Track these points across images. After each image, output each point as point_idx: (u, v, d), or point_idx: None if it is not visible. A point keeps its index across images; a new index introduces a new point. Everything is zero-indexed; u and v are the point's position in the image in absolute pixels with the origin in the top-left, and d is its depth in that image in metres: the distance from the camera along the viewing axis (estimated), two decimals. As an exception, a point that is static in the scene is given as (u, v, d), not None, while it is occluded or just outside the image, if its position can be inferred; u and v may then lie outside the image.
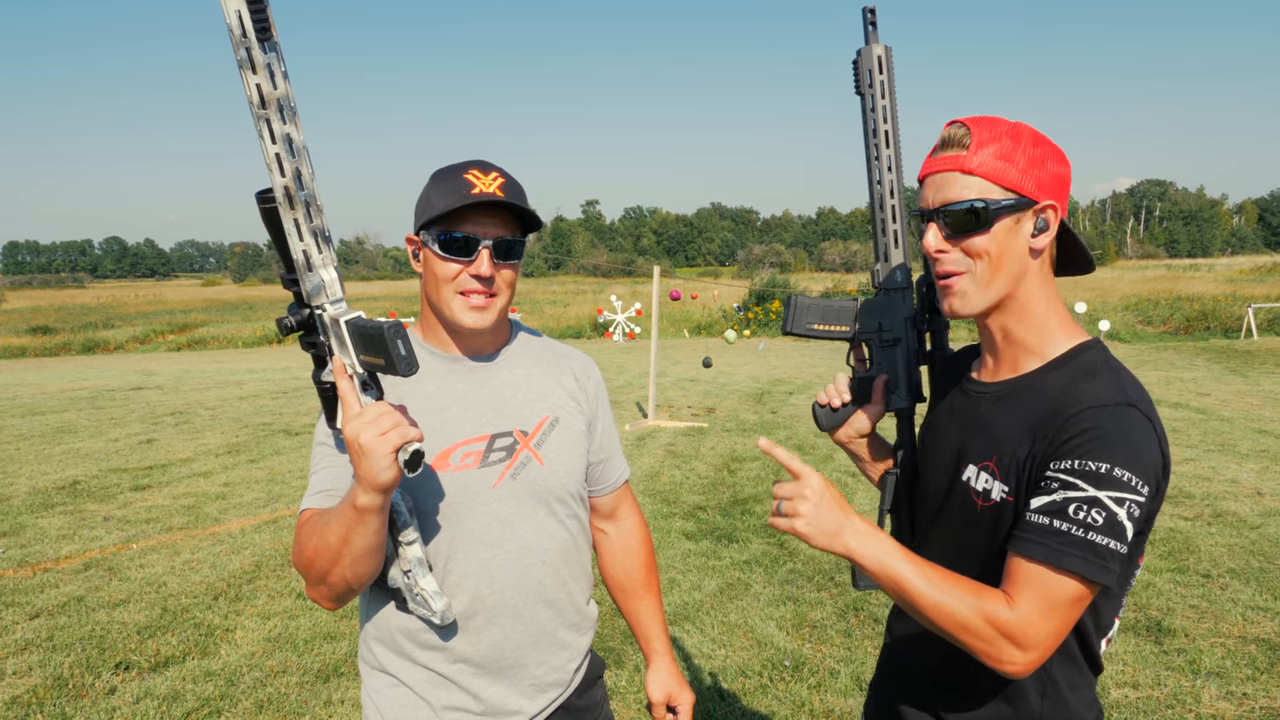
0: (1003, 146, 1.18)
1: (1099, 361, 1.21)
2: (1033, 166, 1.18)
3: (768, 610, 4.40)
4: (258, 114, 1.08)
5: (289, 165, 1.11)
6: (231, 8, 1.03)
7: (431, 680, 1.46)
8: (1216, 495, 6.35)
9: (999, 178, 1.17)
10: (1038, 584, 1.11)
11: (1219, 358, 17.11)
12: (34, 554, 5.48)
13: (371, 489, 1.18)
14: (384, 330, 1.13)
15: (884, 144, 1.42)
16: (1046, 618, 1.10)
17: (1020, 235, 1.20)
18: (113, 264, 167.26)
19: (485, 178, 1.42)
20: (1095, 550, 1.08)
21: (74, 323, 39.20)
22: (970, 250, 1.21)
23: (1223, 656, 3.75)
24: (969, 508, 1.27)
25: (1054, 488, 1.12)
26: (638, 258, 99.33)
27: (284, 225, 1.15)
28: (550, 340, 1.70)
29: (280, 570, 5.10)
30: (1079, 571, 1.09)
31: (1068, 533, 1.09)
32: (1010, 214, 1.18)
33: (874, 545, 1.18)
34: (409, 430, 1.18)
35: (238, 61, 1.06)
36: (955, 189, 1.19)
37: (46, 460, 8.47)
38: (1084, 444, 1.11)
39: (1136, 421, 1.12)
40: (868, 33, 1.42)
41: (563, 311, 32.84)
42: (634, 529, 1.78)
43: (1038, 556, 1.11)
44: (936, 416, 1.43)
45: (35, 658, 3.94)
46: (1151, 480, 1.11)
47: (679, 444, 8.92)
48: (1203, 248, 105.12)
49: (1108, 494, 1.08)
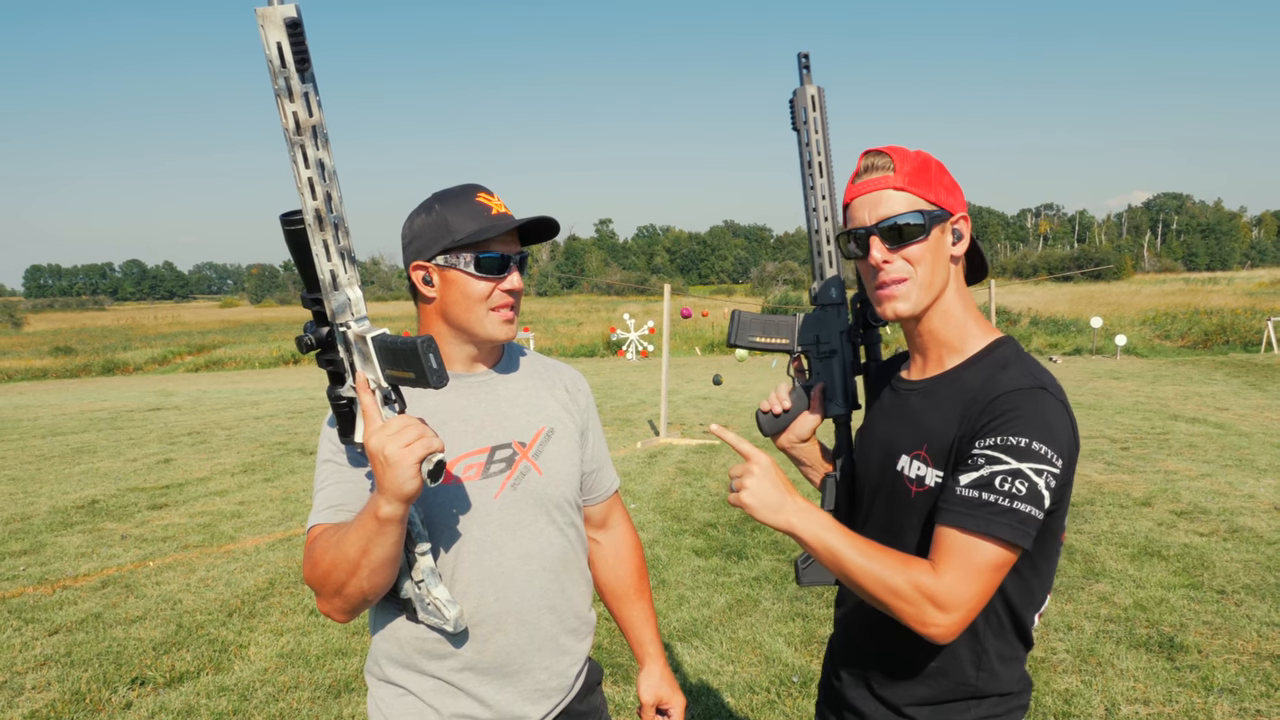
0: (917, 169, 1.34)
1: (1012, 354, 1.36)
2: (943, 185, 1.36)
3: (776, 626, 4.41)
4: (293, 140, 1.13)
5: (320, 189, 1.16)
6: (272, 40, 1.08)
7: (439, 688, 1.50)
8: (1233, 510, 6.31)
9: (924, 194, 1.33)
10: (963, 552, 1.21)
11: (1238, 372, 16.97)
12: (53, 572, 5.55)
13: (395, 499, 1.23)
14: (417, 345, 1.18)
15: (818, 174, 1.56)
16: (968, 582, 1.20)
17: (944, 244, 1.36)
18: (132, 286, 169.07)
19: (494, 199, 1.51)
20: (1019, 518, 1.19)
21: (94, 344, 39.72)
22: (910, 258, 1.34)
23: (1236, 673, 3.72)
24: (902, 495, 1.38)
25: (980, 463, 1.23)
26: (651, 276, 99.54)
27: (312, 246, 1.20)
28: (539, 355, 1.76)
29: (293, 587, 5.15)
30: (1005, 538, 1.19)
31: (995, 503, 1.20)
32: (938, 224, 1.34)
33: (812, 520, 1.28)
34: (433, 441, 1.23)
35: (275, 90, 1.10)
36: (889, 205, 1.34)
37: (66, 480, 8.58)
38: (1005, 423, 1.23)
39: (1049, 402, 1.25)
40: (802, 75, 1.55)
41: (576, 330, 32.97)
42: (625, 536, 1.83)
43: (969, 526, 1.21)
44: (871, 417, 1.56)
45: (54, 673, 4.00)
46: (1065, 454, 1.23)
47: (690, 461, 8.94)
48: (1221, 261, 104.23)
49: (1029, 465, 1.20)
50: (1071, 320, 26.69)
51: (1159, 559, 5.28)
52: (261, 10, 1.07)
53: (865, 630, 1.47)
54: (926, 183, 1.34)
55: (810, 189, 1.56)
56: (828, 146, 1.56)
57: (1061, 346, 23.15)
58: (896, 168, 1.34)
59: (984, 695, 1.36)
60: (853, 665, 1.51)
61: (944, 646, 1.34)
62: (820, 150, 1.55)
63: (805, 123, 1.55)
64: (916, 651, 1.37)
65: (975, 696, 1.37)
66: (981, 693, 1.36)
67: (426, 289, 1.52)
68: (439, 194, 1.53)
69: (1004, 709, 1.38)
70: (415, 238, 1.51)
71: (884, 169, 1.35)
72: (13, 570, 5.60)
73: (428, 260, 1.50)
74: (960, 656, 1.35)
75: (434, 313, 1.54)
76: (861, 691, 1.48)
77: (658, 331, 21.96)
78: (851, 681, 1.51)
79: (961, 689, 1.36)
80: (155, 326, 55.38)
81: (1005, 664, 1.37)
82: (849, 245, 1.40)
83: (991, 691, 1.36)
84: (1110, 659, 3.90)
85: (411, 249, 1.52)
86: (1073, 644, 4.07)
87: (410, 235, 1.52)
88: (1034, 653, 3.98)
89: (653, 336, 25.26)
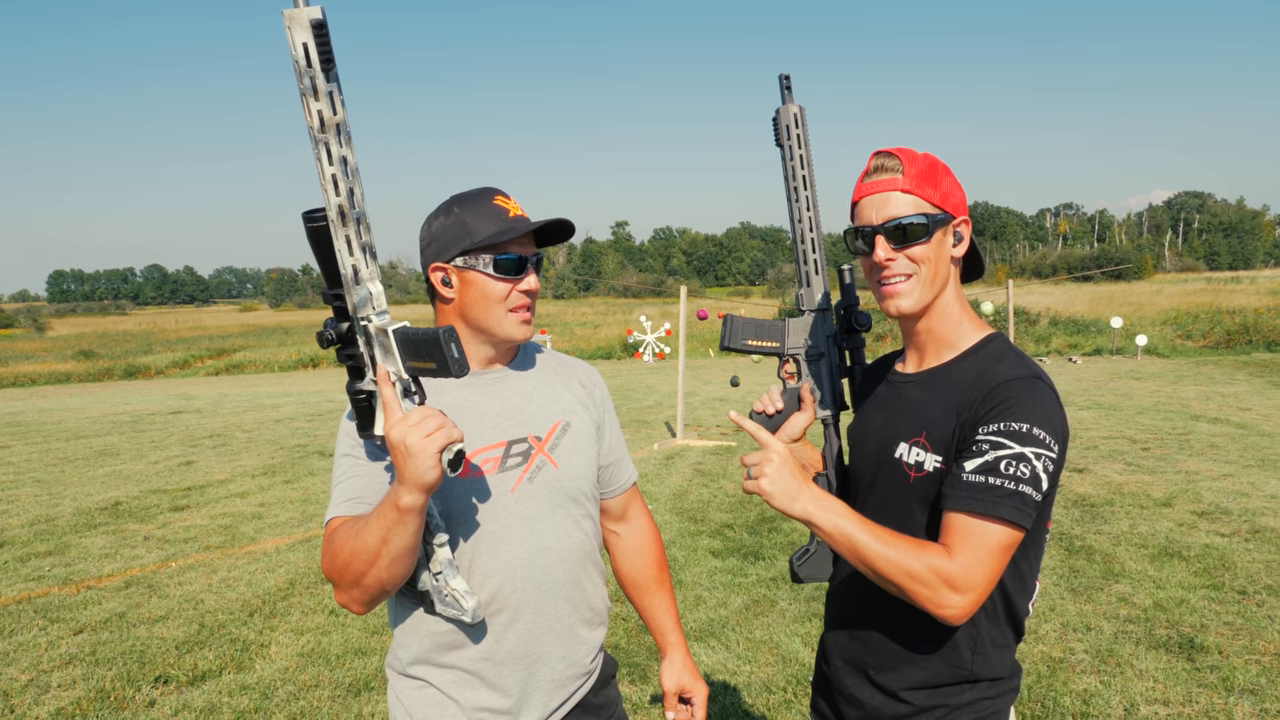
0: (924, 172, 1.40)
1: (1004, 348, 1.43)
2: (948, 189, 1.41)
3: (793, 627, 4.41)
4: (318, 138, 1.16)
5: (344, 185, 1.19)
6: (298, 40, 1.10)
7: (459, 679, 1.52)
8: (1255, 511, 6.25)
9: (928, 197, 1.39)
10: (975, 535, 1.26)
11: (1261, 371, 16.78)
12: (78, 572, 5.64)
13: (416, 489, 1.25)
14: (439, 335, 1.21)
15: (803, 187, 1.63)
16: (982, 564, 1.26)
17: (945, 246, 1.42)
18: (154, 291, 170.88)
19: (511, 202, 1.55)
20: (1024, 499, 1.26)
21: (116, 349, 40.09)
22: (914, 257, 1.40)
23: (1257, 674, 3.69)
24: (901, 480, 1.44)
25: (985, 449, 1.29)
26: (667, 278, 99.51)
27: (335, 241, 1.23)
28: (554, 351, 1.79)
29: (313, 587, 5.20)
30: (1011, 519, 1.25)
31: (1001, 486, 1.26)
32: (940, 227, 1.40)
33: (829, 507, 1.32)
34: (453, 431, 1.26)
35: (301, 89, 1.13)
36: (895, 207, 1.39)
37: (90, 482, 8.69)
38: (1007, 409, 1.29)
39: (1045, 392, 1.32)
40: (784, 95, 1.61)
41: (593, 333, 32.98)
42: (644, 528, 1.86)
43: (977, 510, 1.26)
44: (864, 411, 1.62)
45: (79, 671, 4.06)
46: (1060, 440, 1.30)
47: (707, 463, 8.94)
48: (1244, 260, 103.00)
49: (1031, 449, 1.27)
50: (1091, 320, 26.41)
51: (1179, 559, 5.24)
52: (289, 12, 1.10)
53: (863, 619, 1.51)
54: (933, 186, 1.40)
55: (795, 201, 1.63)
56: (810, 161, 1.63)
57: (1081, 347, 22.91)
58: (905, 170, 1.39)
59: (978, 679, 1.42)
60: (849, 655, 1.55)
61: (941, 632, 1.40)
62: (805, 164, 1.62)
63: (789, 139, 1.62)
64: (914, 637, 1.43)
65: (970, 681, 1.42)
66: (976, 677, 1.42)
67: (445, 290, 1.55)
68: (457, 197, 1.56)
69: (995, 692, 1.43)
70: (434, 239, 1.54)
71: (893, 171, 1.40)
72: (38, 571, 5.68)
73: (446, 262, 1.52)
74: (957, 642, 1.41)
75: (452, 313, 1.56)
76: (858, 679, 1.52)
77: (674, 333, 21.96)
78: (847, 670, 1.55)
79: (957, 673, 1.42)
80: (176, 330, 55.88)
81: (998, 650, 1.43)
82: (855, 241, 1.45)
83: (985, 676, 1.42)
84: (1130, 659, 3.88)
85: (430, 250, 1.54)
86: (1092, 644, 4.05)
87: (429, 237, 1.55)
88: (1052, 653, 3.97)
89: (669, 338, 25.27)
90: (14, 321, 70.57)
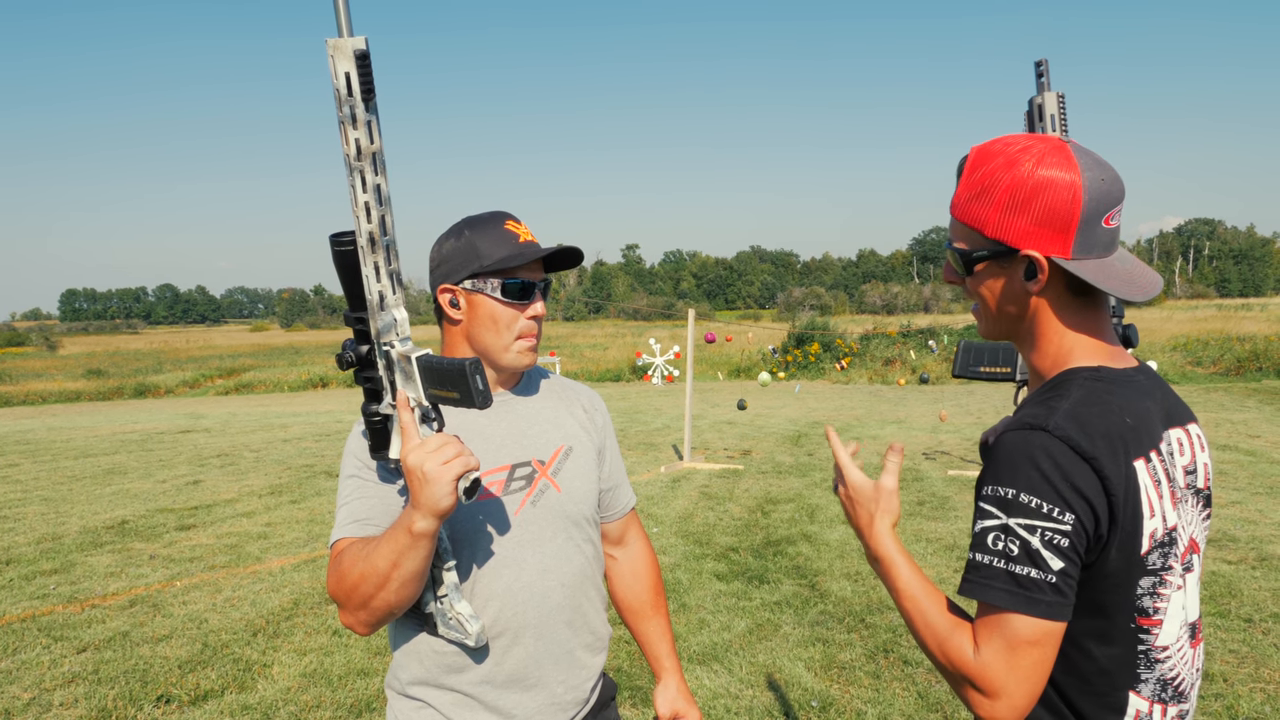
0: (985, 189, 1.11)
1: (1061, 383, 1.13)
2: (1011, 212, 1.09)
3: (797, 651, 4.39)
4: (354, 165, 1.18)
5: (375, 212, 1.21)
6: (341, 70, 1.13)
7: (458, 701, 1.52)
8: (1263, 539, 6.20)
9: (979, 224, 1.12)
10: (990, 624, 1.05)
11: (1271, 399, 16.67)
12: (83, 590, 5.66)
13: (431, 514, 1.26)
14: (465, 366, 1.21)
15: None
16: (1007, 661, 1.02)
17: (1013, 280, 1.13)
18: (165, 310, 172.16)
19: (521, 227, 1.57)
20: (1017, 581, 1.02)
21: (127, 367, 40.35)
22: (968, 288, 1.21)
23: (1262, 702, 3.66)
24: None
25: (976, 517, 1.09)
26: (677, 301, 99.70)
27: (363, 268, 1.24)
28: (558, 376, 1.80)
29: (317, 608, 5.21)
30: (1002, 605, 1.03)
31: (989, 565, 1.04)
32: (989, 261, 1.14)
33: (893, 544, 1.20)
34: (470, 459, 1.27)
35: (340, 118, 1.15)
36: (950, 229, 1.20)
37: (97, 500, 8.73)
38: (993, 469, 1.08)
39: (1043, 444, 1.04)
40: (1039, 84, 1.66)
41: (602, 355, 33.05)
42: (641, 553, 1.86)
43: (966, 592, 1.07)
44: None
45: (81, 690, 4.07)
46: (1076, 507, 1.02)
47: (714, 485, 8.93)
48: (1255, 287, 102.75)
49: (1017, 521, 1.03)
50: (1101, 346, 26.25)
51: (1186, 587, 5.19)
52: (334, 41, 1.12)
53: None
54: (987, 211, 1.13)
55: None
56: None
57: (1090, 372, 22.78)
58: (960, 186, 1.16)
59: None
60: None
61: None
62: None
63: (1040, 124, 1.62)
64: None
65: None
66: None
67: (453, 311, 1.56)
68: (468, 219, 1.58)
69: None
70: (444, 261, 1.56)
71: (957, 181, 1.19)
72: (43, 589, 5.71)
73: (455, 284, 1.54)
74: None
75: (459, 335, 1.58)
76: None
77: (683, 356, 21.98)
78: None
79: None
80: (187, 350, 56.22)
81: None
82: None
83: None
84: (1134, 688, 3.84)
85: (439, 272, 1.56)
86: (1096, 672, 4.01)
87: (439, 259, 1.57)
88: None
89: (678, 361, 25.29)
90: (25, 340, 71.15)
